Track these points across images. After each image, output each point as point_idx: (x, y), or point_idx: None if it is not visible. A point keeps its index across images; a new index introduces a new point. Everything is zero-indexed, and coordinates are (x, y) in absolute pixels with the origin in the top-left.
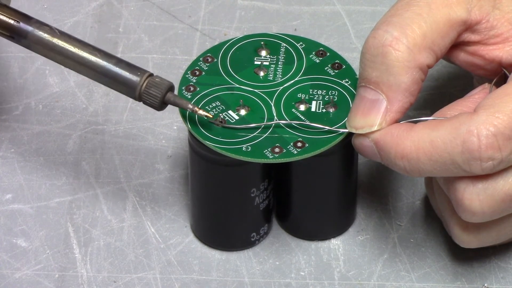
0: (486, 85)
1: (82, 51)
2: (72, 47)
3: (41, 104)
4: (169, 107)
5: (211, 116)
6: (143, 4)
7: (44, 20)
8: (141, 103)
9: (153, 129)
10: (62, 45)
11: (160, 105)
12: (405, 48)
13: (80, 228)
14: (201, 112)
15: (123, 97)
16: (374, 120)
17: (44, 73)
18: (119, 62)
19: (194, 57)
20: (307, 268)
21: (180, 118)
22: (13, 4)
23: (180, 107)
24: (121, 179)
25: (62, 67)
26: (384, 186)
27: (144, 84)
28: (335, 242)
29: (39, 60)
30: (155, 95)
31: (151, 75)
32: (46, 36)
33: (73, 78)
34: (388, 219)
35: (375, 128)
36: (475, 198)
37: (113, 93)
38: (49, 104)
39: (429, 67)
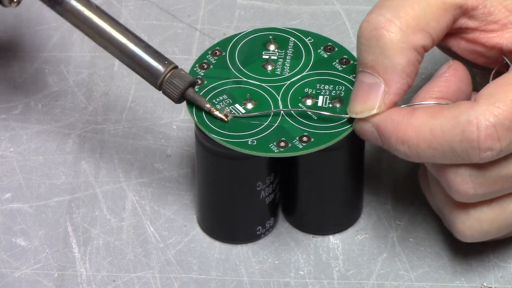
0: (451, 62)
1: (113, 29)
2: (104, 23)
3: (41, 103)
4: (173, 106)
5: (226, 120)
6: (143, 3)
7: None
8: (140, 103)
9: (153, 129)
10: (95, 20)
11: (179, 97)
12: (398, 30)
13: (79, 227)
14: (217, 113)
15: (122, 96)
16: (373, 104)
17: (43, 72)
18: (148, 47)
19: (194, 57)
20: (306, 267)
21: (179, 117)
22: None
23: (197, 104)
24: (120, 178)
25: (62, 66)
26: (384, 186)
27: (169, 74)
28: (334, 242)
29: (39, 60)
30: (177, 85)
31: (176, 67)
32: (80, 7)
33: (73, 77)
34: (387, 219)
35: (374, 111)
36: (467, 178)
37: (113, 93)
38: (49, 104)
39: (425, 49)
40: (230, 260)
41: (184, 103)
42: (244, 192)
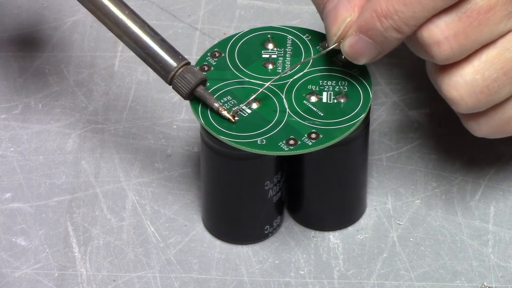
0: None
1: (129, 20)
2: (121, 13)
3: (41, 103)
4: (173, 106)
5: (233, 121)
6: (143, 3)
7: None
8: (140, 102)
9: (153, 128)
10: (112, 8)
11: (189, 93)
12: None
13: (79, 227)
14: (225, 113)
15: (122, 96)
16: (344, 15)
17: (43, 72)
18: (163, 41)
19: (194, 56)
20: (306, 267)
21: (180, 117)
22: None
23: (207, 102)
24: (120, 178)
25: (62, 65)
26: (384, 185)
27: (182, 69)
28: (334, 241)
29: (39, 59)
30: (189, 81)
31: (189, 63)
32: None
33: (73, 77)
34: (387, 218)
35: (349, 19)
36: (441, 24)
37: (113, 92)
38: (49, 103)
39: None
40: (230, 260)
41: (187, 104)
42: (253, 192)
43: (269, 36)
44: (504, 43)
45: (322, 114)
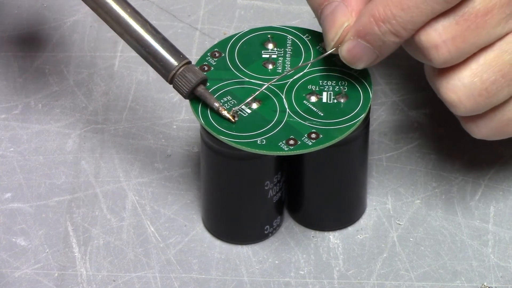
0: None
1: (131, 18)
2: (122, 11)
3: (41, 103)
4: (173, 106)
5: (233, 121)
6: (143, 3)
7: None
8: (140, 102)
9: (153, 128)
10: (114, 6)
11: (190, 92)
12: None
13: (79, 227)
14: (225, 113)
15: (122, 96)
16: (341, 20)
17: (43, 72)
18: (165, 40)
19: (194, 56)
20: (306, 267)
21: (180, 117)
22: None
23: (207, 101)
24: (120, 178)
25: (62, 66)
26: (384, 185)
27: (183, 68)
28: (334, 241)
29: (39, 60)
30: (190, 80)
31: (190, 62)
32: None
33: (73, 77)
34: (387, 218)
35: (347, 24)
36: (439, 27)
37: (113, 92)
38: (49, 103)
39: None
40: (230, 260)
41: (187, 104)
42: (253, 192)
43: (269, 36)
44: (502, 46)
45: (322, 114)
